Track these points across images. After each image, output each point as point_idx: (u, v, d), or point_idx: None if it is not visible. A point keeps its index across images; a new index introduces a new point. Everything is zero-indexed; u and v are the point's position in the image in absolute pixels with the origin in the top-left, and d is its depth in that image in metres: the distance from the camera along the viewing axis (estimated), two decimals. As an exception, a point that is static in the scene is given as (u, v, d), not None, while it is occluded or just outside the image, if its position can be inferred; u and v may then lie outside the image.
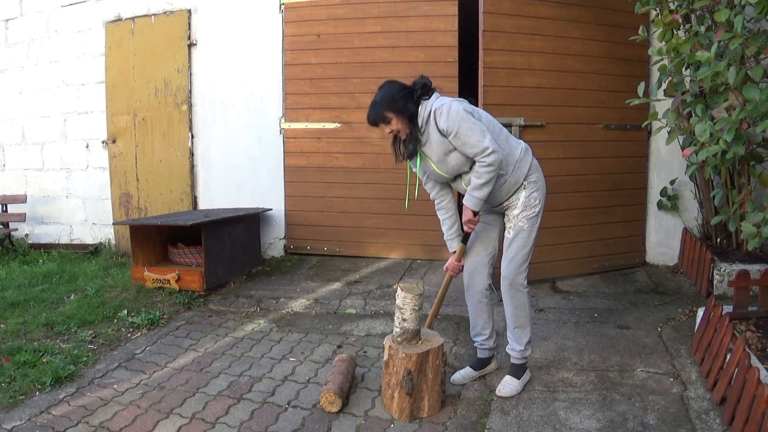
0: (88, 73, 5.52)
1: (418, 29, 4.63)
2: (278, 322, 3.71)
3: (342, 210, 4.95)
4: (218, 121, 5.17)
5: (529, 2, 3.90)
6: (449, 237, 2.83)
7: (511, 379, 2.68)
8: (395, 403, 2.48)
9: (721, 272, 3.59)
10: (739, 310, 2.86)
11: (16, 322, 3.63)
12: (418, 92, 2.53)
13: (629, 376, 2.77)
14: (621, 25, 3.97)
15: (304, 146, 4.96)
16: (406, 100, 2.51)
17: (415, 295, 2.48)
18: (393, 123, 2.53)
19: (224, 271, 4.36)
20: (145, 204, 5.43)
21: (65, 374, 2.91)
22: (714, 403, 2.45)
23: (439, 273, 4.48)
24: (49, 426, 2.48)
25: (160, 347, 3.34)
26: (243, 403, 2.66)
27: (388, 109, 2.51)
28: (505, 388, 2.64)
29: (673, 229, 4.42)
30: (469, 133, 2.43)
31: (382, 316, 3.74)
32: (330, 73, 4.85)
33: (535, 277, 4.16)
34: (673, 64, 2.88)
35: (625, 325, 3.38)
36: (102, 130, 5.52)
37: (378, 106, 2.53)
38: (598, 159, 4.21)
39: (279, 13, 4.92)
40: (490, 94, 3.86)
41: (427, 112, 2.50)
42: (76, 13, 5.52)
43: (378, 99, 2.53)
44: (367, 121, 2.59)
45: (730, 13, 2.40)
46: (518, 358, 2.70)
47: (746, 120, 2.33)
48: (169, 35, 5.20)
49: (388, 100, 2.51)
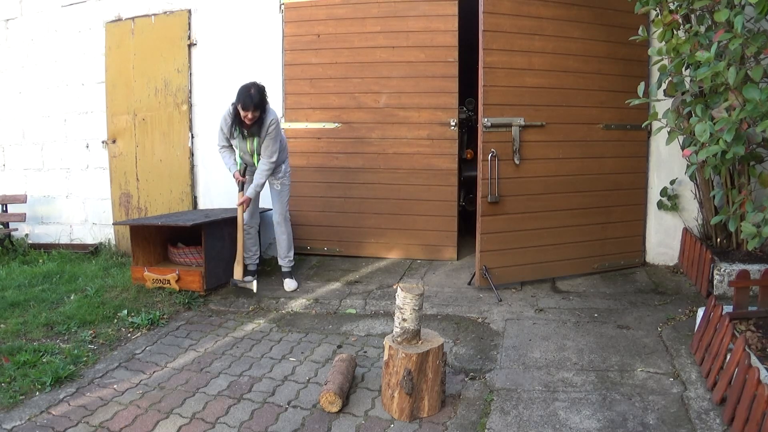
0: (88, 73, 5.52)
1: (418, 29, 4.63)
2: (278, 322, 3.71)
3: (342, 210, 4.95)
4: (218, 120, 5.14)
5: (529, 2, 3.90)
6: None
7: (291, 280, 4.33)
8: (395, 403, 2.48)
9: (721, 272, 3.59)
10: (739, 310, 2.86)
11: (16, 322, 3.63)
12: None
13: (629, 376, 2.77)
14: (621, 25, 3.97)
15: (304, 146, 4.96)
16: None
17: (415, 295, 2.48)
18: (255, 113, 3.86)
19: (224, 271, 4.35)
20: (145, 204, 5.43)
21: (65, 374, 2.91)
22: (714, 403, 2.45)
23: (439, 273, 4.48)
24: (49, 426, 2.48)
25: (160, 347, 3.34)
26: (243, 403, 2.66)
27: (263, 102, 3.91)
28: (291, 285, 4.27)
29: (673, 229, 4.41)
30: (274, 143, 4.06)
31: (382, 316, 3.74)
32: (330, 73, 4.85)
33: (535, 277, 4.17)
34: (673, 64, 2.88)
35: (625, 325, 3.38)
36: (102, 130, 5.52)
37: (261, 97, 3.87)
38: (598, 159, 4.21)
39: (279, 13, 4.92)
40: (490, 94, 3.86)
41: (272, 116, 3.99)
42: (76, 13, 5.52)
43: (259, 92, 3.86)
44: (251, 103, 3.80)
45: (730, 13, 2.40)
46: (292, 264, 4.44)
47: (746, 120, 2.34)
48: (169, 35, 5.20)
49: (265, 97, 3.92)
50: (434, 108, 4.66)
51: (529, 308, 3.71)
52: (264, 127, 3.96)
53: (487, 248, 3.98)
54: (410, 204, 4.81)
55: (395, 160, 4.79)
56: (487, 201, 3.93)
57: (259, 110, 3.86)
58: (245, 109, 3.82)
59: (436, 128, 4.68)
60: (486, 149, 3.89)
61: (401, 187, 4.80)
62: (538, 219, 4.10)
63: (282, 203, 4.30)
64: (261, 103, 3.85)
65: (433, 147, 4.70)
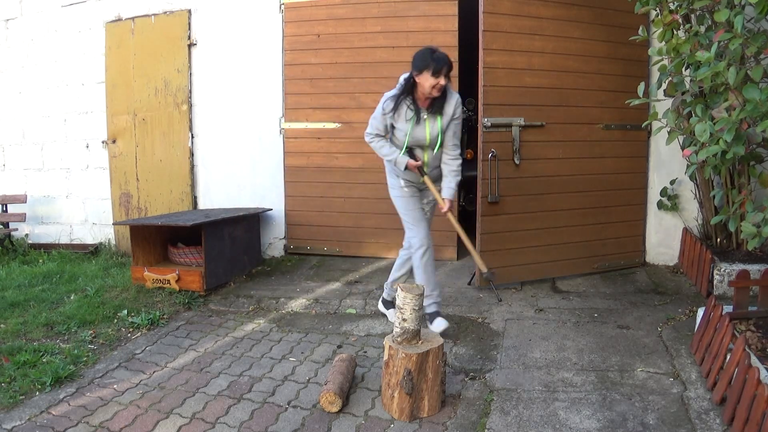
0: (88, 73, 5.52)
1: (418, 29, 4.63)
2: (278, 322, 3.71)
3: (342, 210, 4.95)
4: (218, 121, 5.17)
5: (529, 2, 3.90)
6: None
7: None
8: (395, 403, 2.48)
9: (721, 272, 3.59)
10: (739, 310, 2.86)
11: (16, 322, 3.63)
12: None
13: (629, 376, 2.77)
14: (621, 25, 3.97)
15: (304, 146, 4.96)
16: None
17: (415, 295, 2.48)
18: (445, 79, 3.00)
19: (224, 271, 4.36)
20: (145, 204, 5.43)
21: (65, 374, 2.91)
22: (714, 403, 2.45)
23: (439, 273, 4.47)
24: (49, 426, 2.48)
25: (160, 347, 3.34)
26: (243, 403, 2.66)
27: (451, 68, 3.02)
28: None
29: (673, 229, 4.41)
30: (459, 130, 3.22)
31: (382, 316, 3.74)
32: (330, 73, 4.85)
33: (535, 277, 4.17)
34: (673, 64, 2.88)
35: (625, 325, 3.38)
36: (102, 130, 5.52)
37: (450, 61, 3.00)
38: (598, 159, 4.21)
39: (279, 13, 4.92)
40: (490, 94, 3.86)
41: (456, 95, 3.14)
42: (76, 13, 5.52)
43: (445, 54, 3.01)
44: (444, 64, 2.95)
45: (730, 13, 2.40)
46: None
47: (746, 120, 2.34)
48: (169, 35, 5.20)
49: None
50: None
51: (529, 308, 3.70)
52: (450, 105, 3.11)
53: (487, 248, 3.98)
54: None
55: (395, 160, 4.78)
56: (487, 201, 3.93)
57: (448, 77, 3.02)
58: (436, 74, 2.95)
59: (436, 128, 4.67)
60: (486, 149, 3.89)
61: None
62: (538, 219, 4.10)
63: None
64: (451, 68, 3.01)
65: (433, 147, 4.70)
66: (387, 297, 3.65)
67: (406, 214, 3.33)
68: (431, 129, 3.13)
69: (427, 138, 3.14)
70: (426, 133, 3.13)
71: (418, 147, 3.20)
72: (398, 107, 3.11)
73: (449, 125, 3.14)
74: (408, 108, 3.11)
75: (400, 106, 3.11)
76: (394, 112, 3.12)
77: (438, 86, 2.99)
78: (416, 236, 3.27)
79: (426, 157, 3.21)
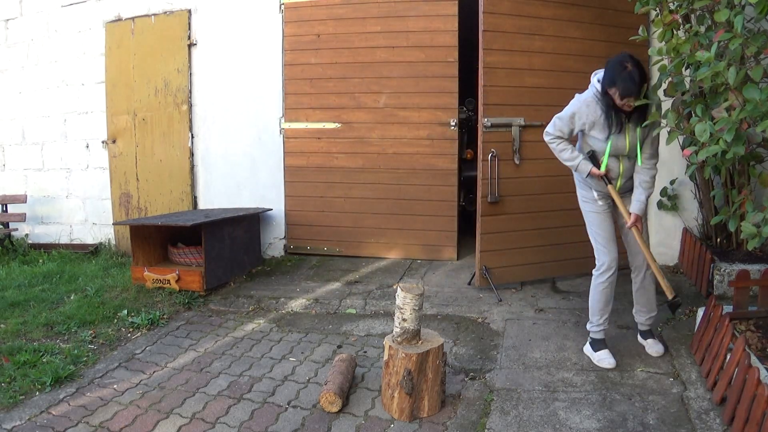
0: (88, 73, 5.52)
1: (418, 29, 4.63)
2: (278, 322, 3.71)
3: (342, 210, 4.95)
4: (218, 121, 5.17)
5: (529, 2, 3.90)
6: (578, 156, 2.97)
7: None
8: (395, 403, 2.48)
9: (721, 272, 3.59)
10: (739, 310, 2.86)
11: (16, 322, 3.63)
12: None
13: (629, 376, 2.77)
14: (621, 25, 3.97)
15: (304, 146, 4.96)
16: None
17: (415, 295, 2.49)
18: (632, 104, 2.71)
19: (224, 271, 4.36)
20: (145, 204, 5.43)
21: (65, 374, 2.91)
22: (714, 403, 2.45)
23: (439, 273, 4.48)
24: (49, 426, 2.48)
25: (160, 347, 3.34)
26: (243, 403, 2.66)
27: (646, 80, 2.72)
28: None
29: (673, 229, 4.41)
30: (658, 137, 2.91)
31: (382, 316, 3.74)
32: (330, 73, 4.85)
33: (535, 277, 4.17)
34: (673, 64, 2.88)
35: (625, 325, 3.37)
36: (102, 130, 5.52)
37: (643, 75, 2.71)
38: (598, 159, 4.20)
39: (279, 13, 4.92)
40: (490, 94, 3.86)
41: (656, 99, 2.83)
42: (76, 13, 5.52)
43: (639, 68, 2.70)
44: (634, 87, 2.66)
45: (730, 13, 2.40)
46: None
47: (746, 120, 2.33)
48: (169, 35, 5.20)
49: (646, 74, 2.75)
50: (434, 108, 4.66)
51: (529, 308, 3.70)
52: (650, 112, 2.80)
53: (487, 248, 3.98)
54: (410, 204, 4.80)
55: (395, 160, 4.79)
56: (487, 201, 3.93)
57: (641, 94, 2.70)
58: (625, 95, 2.69)
59: (436, 128, 4.68)
60: (486, 149, 3.89)
61: (401, 187, 4.80)
62: (538, 219, 4.10)
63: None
64: (644, 82, 2.69)
65: (433, 147, 4.70)
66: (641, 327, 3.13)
67: (598, 231, 3.00)
68: (631, 137, 2.85)
69: (627, 147, 2.85)
70: (626, 142, 2.85)
71: (614, 156, 2.90)
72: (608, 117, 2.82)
73: (648, 134, 2.88)
74: (608, 114, 2.81)
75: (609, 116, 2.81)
76: (601, 121, 2.84)
77: (627, 105, 2.73)
78: (606, 255, 2.97)
79: (621, 168, 2.91)
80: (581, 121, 2.88)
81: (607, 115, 2.80)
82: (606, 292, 2.98)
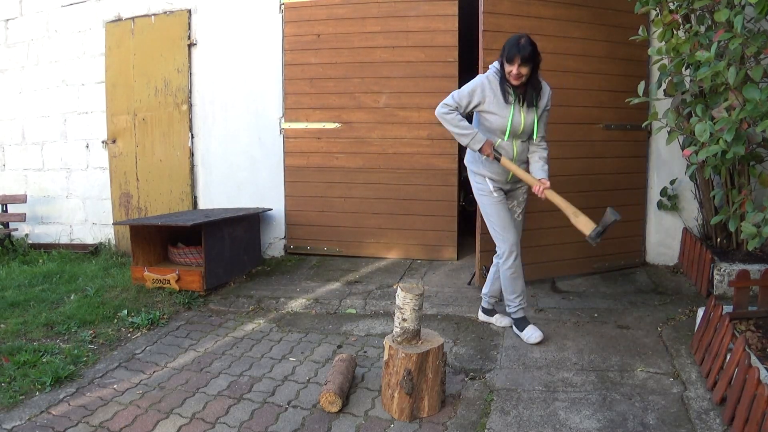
0: (88, 73, 5.52)
1: (418, 29, 4.63)
2: (278, 322, 3.71)
3: (342, 210, 4.95)
4: (218, 121, 5.17)
5: (529, 2, 3.90)
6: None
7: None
8: (395, 403, 2.48)
9: (721, 272, 3.59)
10: (739, 310, 2.86)
11: (16, 322, 3.63)
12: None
13: (629, 376, 2.77)
14: (621, 25, 3.97)
15: (304, 146, 4.96)
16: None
17: (415, 295, 2.48)
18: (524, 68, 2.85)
19: (224, 271, 4.36)
20: (145, 204, 5.43)
21: (65, 374, 2.90)
22: (714, 403, 2.45)
23: (439, 273, 4.48)
24: (49, 426, 2.48)
25: (160, 347, 3.34)
26: (243, 403, 2.66)
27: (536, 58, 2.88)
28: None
29: (673, 229, 4.42)
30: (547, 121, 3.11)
31: (382, 316, 3.74)
32: (330, 73, 4.85)
33: (535, 277, 4.17)
34: (673, 64, 2.88)
35: (625, 325, 3.38)
36: (102, 130, 5.52)
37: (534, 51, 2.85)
38: (598, 159, 4.21)
39: (279, 13, 4.92)
40: (490, 94, 3.86)
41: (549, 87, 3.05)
42: (76, 13, 5.52)
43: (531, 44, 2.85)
44: (517, 53, 2.81)
45: (730, 13, 2.40)
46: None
47: (746, 120, 2.34)
48: (169, 35, 5.20)
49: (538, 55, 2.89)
50: (434, 108, 4.65)
51: (529, 308, 3.70)
52: (544, 94, 3.02)
53: (487, 248, 3.97)
54: (410, 204, 4.81)
55: (395, 160, 4.79)
56: (487, 201, 3.92)
57: (530, 66, 2.86)
58: (510, 62, 2.84)
59: (436, 128, 4.67)
60: (486, 149, 3.89)
61: (401, 187, 4.80)
62: (538, 219, 4.10)
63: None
64: (533, 57, 2.85)
65: (433, 147, 4.70)
66: (486, 306, 3.52)
67: (495, 221, 3.15)
68: (526, 117, 2.98)
69: (522, 124, 2.98)
70: (521, 119, 2.97)
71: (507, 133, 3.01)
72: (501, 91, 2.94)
73: (542, 115, 3.04)
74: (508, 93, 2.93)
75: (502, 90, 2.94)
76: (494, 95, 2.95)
77: (512, 74, 2.86)
78: (505, 242, 3.13)
79: (515, 151, 3.04)
80: (481, 94, 2.98)
81: (502, 87, 2.94)
82: (515, 276, 3.17)
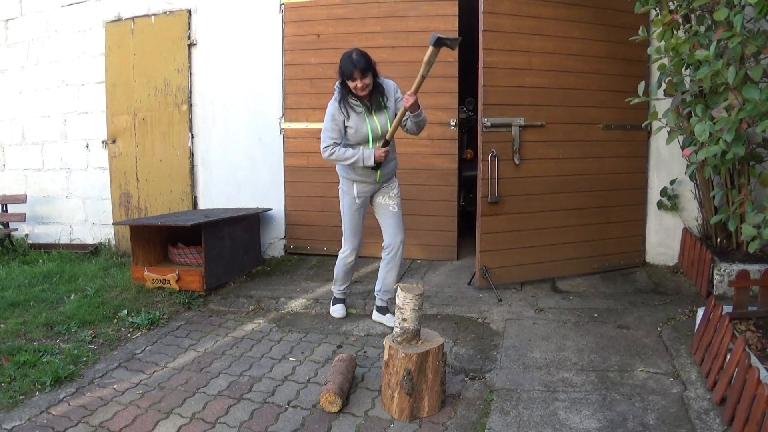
0: (88, 73, 5.52)
1: (418, 29, 4.62)
2: (278, 322, 3.71)
3: (342, 210, 4.94)
4: (218, 121, 5.17)
5: (529, 2, 3.90)
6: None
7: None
8: (395, 403, 2.48)
9: (721, 272, 3.59)
10: (739, 310, 2.86)
11: (16, 322, 3.63)
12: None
13: (629, 376, 2.77)
14: (621, 25, 3.97)
15: (304, 146, 4.96)
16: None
17: (415, 295, 2.48)
18: (365, 79, 3.15)
19: (224, 271, 4.36)
20: (145, 204, 5.43)
21: (65, 374, 2.91)
22: (714, 403, 2.45)
23: (439, 273, 4.48)
24: (49, 426, 2.48)
25: (160, 347, 3.34)
26: (243, 403, 2.66)
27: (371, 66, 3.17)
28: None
29: (673, 229, 4.41)
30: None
31: (382, 316, 3.73)
32: (330, 73, 4.80)
33: (535, 276, 4.17)
34: (673, 64, 2.88)
35: (625, 325, 3.38)
36: (102, 130, 5.52)
37: (367, 60, 3.14)
38: (598, 159, 4.21)
39: (279, 13, 4.92)
40: (490, 94, 3.86)
41: (390, 83, 3.35)
42: (76, 13, 5.52)
43: (362, 56, 3.13)
44: (353, 67, 3.09)
45: (729, 12, 2.40)
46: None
47: (746, 120, 2.34)
48: (169, 35, 5.20)
49: (372, 62, 3.18)
50: (434, 108, 4.65)
51: (529, 308, 3.70)
52: (390, 91, 3.31)
53: (487, 248, 3.98)
54: (410, 204, 4.79)
55: (395, 160, 4.78)
56: (487, 201, 3.93)
57: (370, 74, 3.16)
58: (351, 78, 3.12)
59: (436, 128, 4.67)
60: (486, 149, 3.89)
61: (401, 187, 4.78)
62: (538, 219, 4.10)
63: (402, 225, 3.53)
64: (369, 67, 3.14)
65: (433, 147, 4.70)
66: (380, 303, 3.64)
67: (349, 224, 3.53)
68: (380, 120, 3.30)
69: (379, 127, 3.30)
70: (377, 124, 3.30)
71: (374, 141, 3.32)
72: (347, 108, 3.25)
73: (399, 108, 3.27)
74: (355, 105, 3.25)
75: (348, 105, 3.25)
76: (346, 112, 3.25)
77: (357, 87, 3.15)
78: (350, 244, 3.56)
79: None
80: (340, 118, 3.25)
81: (344, 101, 3.22)
82: (347, 269, 3.63)
